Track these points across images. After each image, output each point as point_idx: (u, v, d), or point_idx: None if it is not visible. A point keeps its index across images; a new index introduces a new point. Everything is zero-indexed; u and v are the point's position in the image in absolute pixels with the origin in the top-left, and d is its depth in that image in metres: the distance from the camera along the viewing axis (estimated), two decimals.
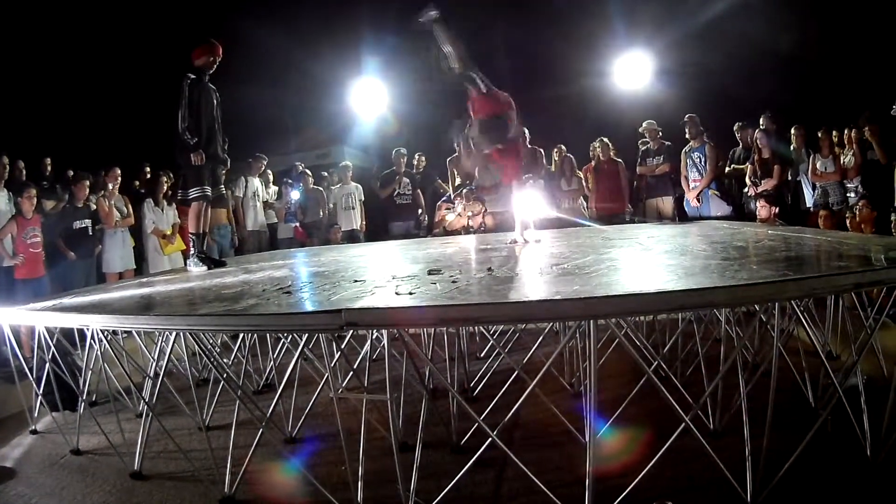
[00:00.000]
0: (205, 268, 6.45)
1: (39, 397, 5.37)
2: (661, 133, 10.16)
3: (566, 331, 4.48)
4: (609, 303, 2.96)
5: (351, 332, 4.41)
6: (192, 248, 6.77)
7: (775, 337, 3.51)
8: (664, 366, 4.13)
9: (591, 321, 3.08)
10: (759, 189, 9.36)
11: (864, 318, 4.62)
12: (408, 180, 11.14)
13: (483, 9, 10.88)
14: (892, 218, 8.04)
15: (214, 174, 6.63)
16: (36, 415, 5.50)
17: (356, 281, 4.11)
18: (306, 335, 4.29)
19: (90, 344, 4.81)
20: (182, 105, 6.24)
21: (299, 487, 3.73)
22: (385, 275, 4.33)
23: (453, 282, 3.65)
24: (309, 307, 3.42)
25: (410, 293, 3.43)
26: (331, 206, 11.31)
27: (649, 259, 4.40)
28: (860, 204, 8.67)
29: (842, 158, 9.52)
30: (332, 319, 3.03)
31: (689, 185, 9.75)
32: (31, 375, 5.22)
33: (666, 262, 4.13)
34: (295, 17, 13.24)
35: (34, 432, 5.40)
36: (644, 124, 10.25)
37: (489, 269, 4.10)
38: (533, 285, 3.67)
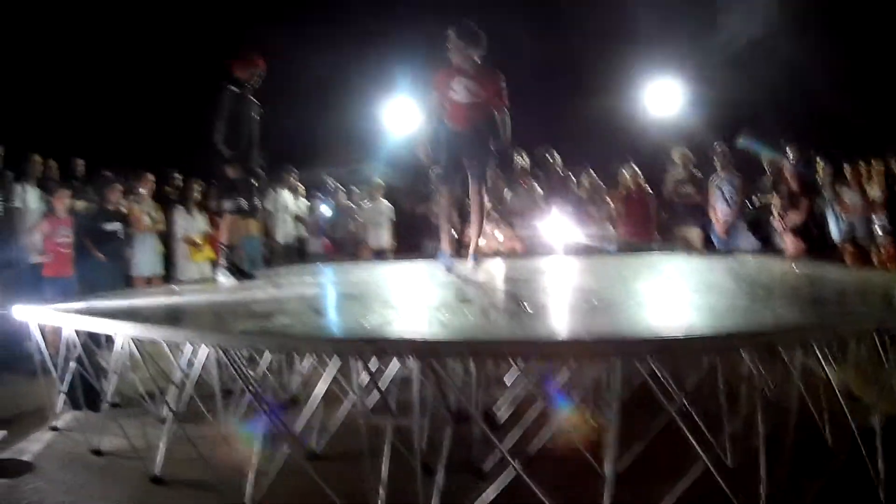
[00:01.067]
0: (234, 280, 6.45)
1: (62, 395, 5.42)
2: (693, 162, 10.14)
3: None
4: (636, 344, 3.04)
5: None
6: (221, 259, 6.74)
7: (795, 376, 3.57)
8: (685, 402, 4.18)
9: (618, 360, 3.16)
10: (787, 222, 9.35)
11: (884, 359, 4.64)
12: None
13: (515, 30, 10.93)
14: None
15: (250, 187, 6.66)
16: (58, 411, 5.56)
17: (388, 306, 4.21)
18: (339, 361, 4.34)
19: (116, 348, 4.88)
20: (220, 117, 6.26)
21: (320, 503, 3.73)
22: (416, 300, 4.42)
23: (485, 313, 3.73)
24: (342, 332, 3.50)
25: (442, 324, 3.51)
26: (360, 222, 11.36)
27: (676, 296, 4.46)
28: (886, 241, 8.64)
29: (869, 192, 9.50)
30: (365, 346, 3.12)
31: (717, 217, 9.73)
32: (55, 373, 5.26)
33: (693, 299, 4.19)
34: (331, 34, 13.37)
35: (54, 429, 5.47)
36: (677, 152, 10.25)
37: (519, 301, 4.18)
38: (563, 321, 3.74)
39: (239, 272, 6.67)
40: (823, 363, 4.02)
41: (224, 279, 6.52)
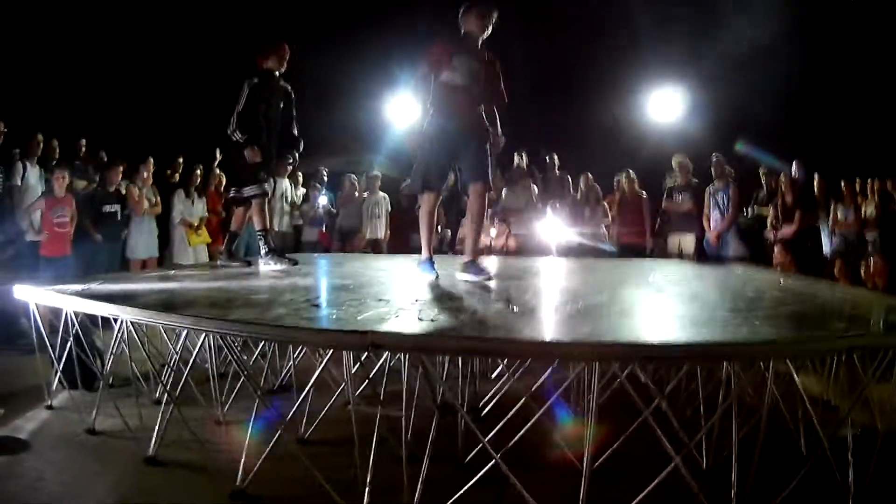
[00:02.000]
0: (279, 265, 6.57)
1: (58, 374, 5.49)
2: (691, 170, 10.25)
3: (575, 364, 4.67)
4: (615, 349, 3.18)
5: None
6: (261, 246, 6.78)
7: (769, 383, 3.71)
8: (664, 404, 4.32)
9: (597, 363, 3.31)
10: (780, 234, 9.48)
11: (861, 371, 4.78)
12: None
13: (520, 37, 11.04)
14: None
15: (270, 172, 6.78)
16: (54, 389, 5.64)
17: (380, 300, 4.34)
18: (331, 350, 4.47)
19: (114, 329, 4.94)
20: (237, 106, 6.35)
21: (309, 487, 3.85)
22: (408, 296, 4.56)
23: (473, 311, 3.88)
24: (337, 325, 3.63)
25: (433, 320, 3.64)
26: (357, 213, 11.50)
27: (661, 303, 4.59)
28: (875, 256, 8.78)
29: (863, 208, 9.63)
30: (359, 339, 3.25)
31: (710, 225, 9.84)
32: (52, 351, 5.36)
33: (676, 307, 4.33)
34: (333, 27, 13.47)
35: (49, 408, 5.53)
36: (676, 159, 10.36)
37: (508, 301, 4.31)
38: (548, 323, 3.87)
39: (282, 257, 6.77)
40: (796, 374, 4.16)
41: (266, 266, 6.64)
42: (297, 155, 7.00)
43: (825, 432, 4.00)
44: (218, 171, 11.10)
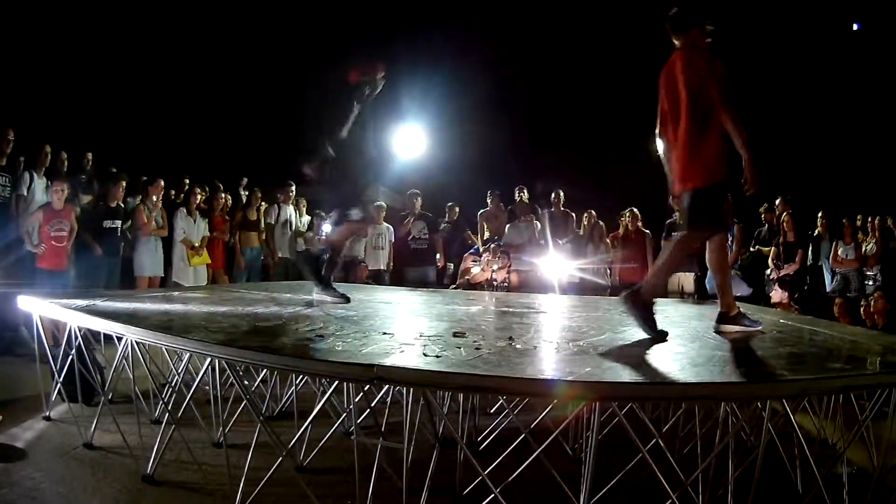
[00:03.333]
0: (335, 300, 6.07)
1: (58, 385, 5.53)
2: None
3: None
4: (615, 388, 3.25)
5: None
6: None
7: (765, 421, 3.76)
8: (662, 443, 4.36)
9: (597, 403, 3.38)
10: (781, 273, 9.53)
11: (857, 411, 4.83)
12: (423, 224, 11.25)
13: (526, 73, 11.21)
14: None
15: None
16: (53, 400, 5.69)
17: (385, 333, 4.40)
18: (336, 382, 4.52)
19: (119, 347, 4.98)
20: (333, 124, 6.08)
21: None
22: (412, 330, 4.61)
23: (476, 348, 3.93)
24: (343, 358, 3.68)
25: (437, 356, 3.71)
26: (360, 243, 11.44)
27: (660, 343, 4.63)
28: (875, 295, 8.82)
29: (864, 246, 9.69)
30: (363, 372, 3.32)
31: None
32: (52, 362, 5.42)
33: (675, 348, 4.38)
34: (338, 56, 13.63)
35: (47, 419, 5.59)
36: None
37: (510, 339, 4.37)
38: (549, 361, 3.93)
39: (340, 295, 6.21)
40: (792, 414, 4.20)
41: (318, 296, 6.20)
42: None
43: (821, 470, 4.05)
44: (224, 193, 11.21)
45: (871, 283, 9.64)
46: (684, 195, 4.92)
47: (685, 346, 4.46)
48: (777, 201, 10.19)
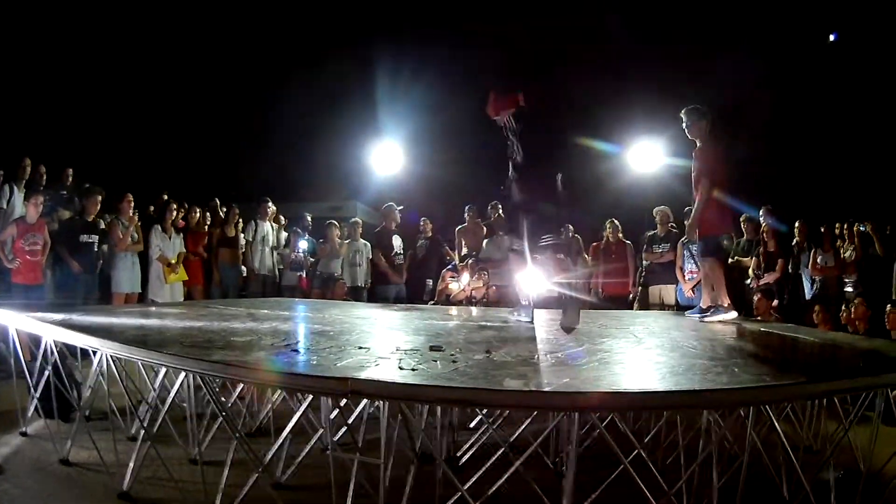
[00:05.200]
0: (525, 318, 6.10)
1: (35, 401, 5.47)
2: (672, 220, 10.30)
3: (554, 414, 4.67)
4: (594, 399, 3.18)
5: None
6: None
7: (749, 429, 3.73)
8: (644, 453, 4.32)
9: (577, 413, 3.31)
10: (762, 282, 9.55)
11: (842, 416, 4.81)
12: (399, 240, 11.34)
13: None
14: (888, 309, 8.21)
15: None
16: (29, 416, 5.63)
17: (360, 347, 4.33)
18: (311, 396, 4.44)
19: (94, 362, 4.98)
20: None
21: None
22: (388, 345, 4.56)
23: (453, 361, 3.86)
24: (317, 371, 3.61)
25: (413, 369, 3.63)
26: (337, 259, 11.46)
27: (640, 353, 4.60)
28: (856, 301, 8.84)
29: (842, 253, 9.72)
30: (338, 386, 3.24)
31: (684, 276, 9.83)
32: (28, 377, 5.36)
33: (655, 358, 4.34)
34: (321, 79, 13.64)
35: (24, 434, 5.54)
36: (657, 210, 10.43)
37: (488, 351, 4.31)
38: (527, 373, 3.88)
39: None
40: (776, 421, 4.18)
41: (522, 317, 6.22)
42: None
43: (807, 476, 4.02)
44: (198, 210, 11.16)
45: (850, 289, 9.67)
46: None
47: (665, 355, 4.42)
48: (761, 211, 10.21)
